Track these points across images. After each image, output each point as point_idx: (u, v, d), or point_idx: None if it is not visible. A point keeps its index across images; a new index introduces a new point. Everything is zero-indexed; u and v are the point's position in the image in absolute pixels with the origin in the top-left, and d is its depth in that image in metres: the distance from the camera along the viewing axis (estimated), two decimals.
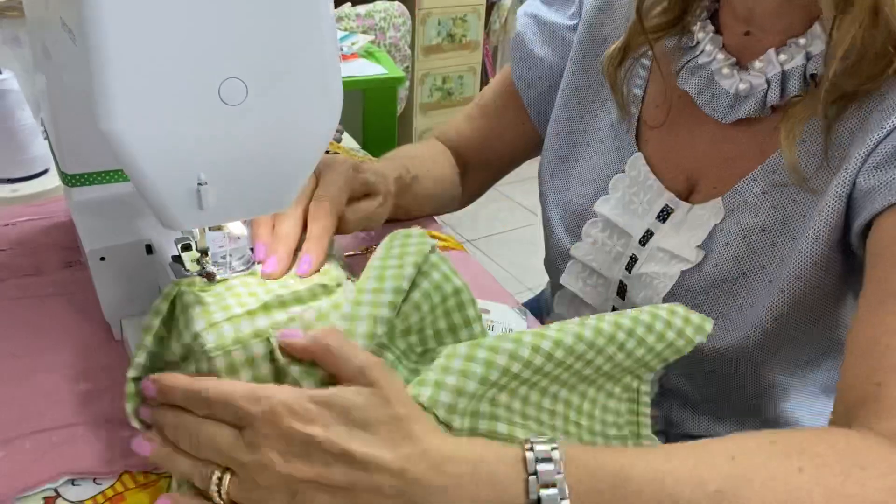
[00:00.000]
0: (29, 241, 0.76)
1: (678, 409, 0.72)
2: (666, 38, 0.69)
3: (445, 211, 0.92)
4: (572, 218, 0.76)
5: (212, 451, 0.43)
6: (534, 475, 0.40)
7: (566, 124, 0.79)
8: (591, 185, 0.75)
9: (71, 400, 0.55)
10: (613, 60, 0.72)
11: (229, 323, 0.48)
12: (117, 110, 0.40)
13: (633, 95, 0.73)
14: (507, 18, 3.05)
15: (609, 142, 0.75)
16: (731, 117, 0.64)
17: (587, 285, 0.75)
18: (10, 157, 0.87)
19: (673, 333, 0.52)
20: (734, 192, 0.64)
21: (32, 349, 0.61)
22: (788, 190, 0.61)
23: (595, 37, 0.76)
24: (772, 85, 0.62)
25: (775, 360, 0.65)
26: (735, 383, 0.67)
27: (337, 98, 0.48)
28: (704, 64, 0.66)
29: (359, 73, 2.09)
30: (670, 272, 0.66)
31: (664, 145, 0.71)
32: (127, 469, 0.50)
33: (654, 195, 0.69)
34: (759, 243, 0.62)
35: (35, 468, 0.50)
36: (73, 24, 0.42)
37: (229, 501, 0.43)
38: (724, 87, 0.64)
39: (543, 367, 0.49)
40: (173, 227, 0.48)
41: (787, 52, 0.61)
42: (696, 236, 0.66)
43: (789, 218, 0.61)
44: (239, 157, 0.46)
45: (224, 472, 0.43)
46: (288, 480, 0.41)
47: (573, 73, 0.78)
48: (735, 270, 0.63)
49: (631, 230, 0.70)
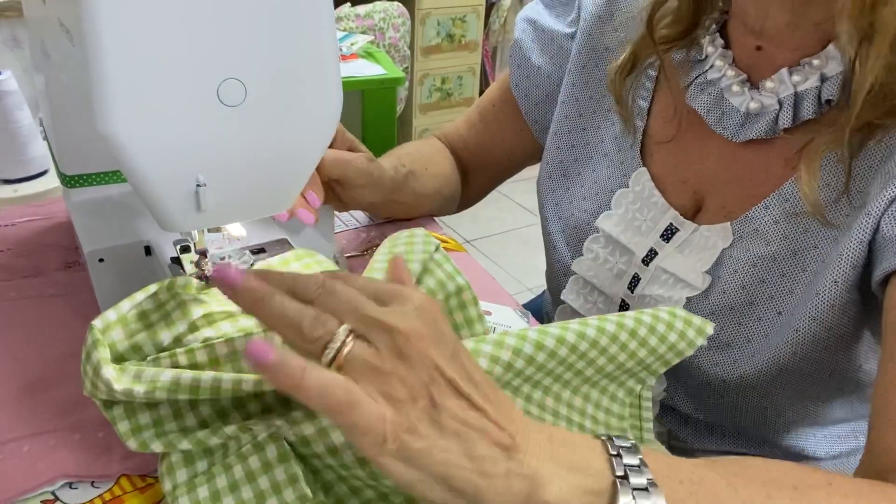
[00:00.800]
0: (28, 242, 0.76)
1: (682, 426, 0.71)
2: (674, 50, 0.68)
3: (446, 211, 0.92)
4: (573, 233, 0.75)
5: (349, 305, 0.37)
6: (618, 455, 0.39)
7: (566, 137, 0.77)
8: (594, 200, 0.73)
9: (70, 402, 0.55)
10: (621, 72, 0.70)
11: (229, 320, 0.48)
12: (115, 112, 0.40)
13: (638, 108, 0.71)
14: (506, 19, 3.05)
15: (612, 155, 0.73)
16: (741, 136, 0.63)
17: (588, 302, 0.74)
18: (9, 157, 0.87)
19: (675, 335, 0.52)
20: (745, 219, 0.62)
21: (31, 350, 0.61)
22: (800, 220, 0.59)
23: (595, 46, 0.75)
24: (784, 106, 0.60)
25: (784, 393, 0.63)
26: (741, 411, 0.66)
27: (336, 99, 0.48)
28: (714, 80, 0.64)
29: (358, 73, 2.09)
30: (675, 297, 0.65)
31: (671, 161, 0.69)
32: (125, 472, 0.50)
33: (659, 213, 0.68)
34: (768, 273, 0.61)
35: (33, 471, 0.49)
36: (71, 25, 0.42)
37: (337, 367, 0.37)
38: (735, 105, 0.62)
39: (546, 365, 0.49)
40: (172, 229, 0.47)
41: (801, 73, 0.59)
42: (703, 261, 0.64)
43: (800, 249, 0.60)
44: (238, 159, 0.45)
45: (349, 335, 0.37)
46: (431, 365, 0.37)
47: (573, 83, 0.76)
48: (743, 299, 0.62)
49: (634, 248, 0.69)
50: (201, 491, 0.43)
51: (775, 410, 0.65)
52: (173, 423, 0.45)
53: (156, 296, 0.49)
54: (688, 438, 0.71)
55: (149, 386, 0.43)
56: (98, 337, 0.45)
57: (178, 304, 0.49)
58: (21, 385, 0.57)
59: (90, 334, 0.45)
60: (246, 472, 0.43)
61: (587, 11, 0.76)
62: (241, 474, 0.43)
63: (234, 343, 0.46)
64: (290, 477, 0.43)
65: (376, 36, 2.37)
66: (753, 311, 0.62)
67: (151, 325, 0.48)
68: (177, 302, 0.49)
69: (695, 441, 0.71)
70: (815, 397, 0.64)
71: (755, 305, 0.62)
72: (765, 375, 0.61)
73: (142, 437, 0.44)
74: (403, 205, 0.80)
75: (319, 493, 0.44)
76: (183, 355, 0.46)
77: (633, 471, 0.38)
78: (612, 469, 0.38)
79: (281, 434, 0.44)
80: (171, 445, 0.44)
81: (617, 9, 0.74)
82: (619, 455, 0.39)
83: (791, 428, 0.67)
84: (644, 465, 0.39)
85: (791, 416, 0.66)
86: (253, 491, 0.43)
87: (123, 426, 0.44)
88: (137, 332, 0.47)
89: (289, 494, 0.42)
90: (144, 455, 0.51)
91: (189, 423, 0.45)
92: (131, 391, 0.43)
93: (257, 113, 0.44)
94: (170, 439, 0.44)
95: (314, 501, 0.43)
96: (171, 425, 0.45)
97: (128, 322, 0.48)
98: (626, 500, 0.37)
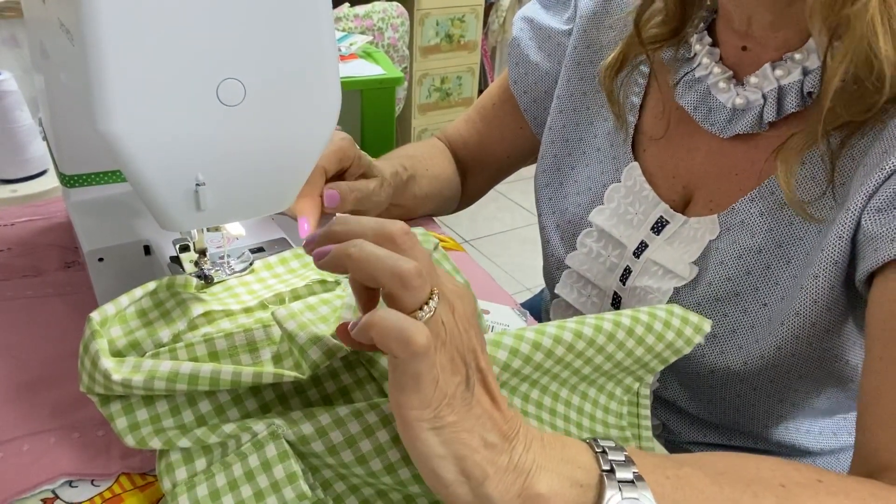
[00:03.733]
0: (28, 242, 0.76)
1: (674, 418, 0.72)
2: (664, 48, 0.69)
3: (444, 211, 0.92)
4: (567, 227, 0.76)
5: (428, 266, 0.39)
6: (603, 452, 0.41)
7: (560, 132, 0.78)
8: (587, 195, 0.74)
9: (69, 401, 0.55)
10: (610, 70, 0.72)
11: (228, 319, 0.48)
12: (115, 111, 0.40)
13: (630, 104, 0.73)
14: (505, 19, 3.06)
15: (605, 150, 0.74)
16: (728, 132, 0.64)
17: (582, 295, 0.75)
18: (9, 157, 0.88)
19: (672, 333, 0.52)
20: (732, 212, 0.63)
21: (31, 350, 0.61)
22: (785, 213, 0.60)
23: (590, 42, 0.76)
24: (768, 101, 0.61)
25: (771, 385, 0.64)
26: (730, 402, 0.67)
27: (335, 99, 0.48)
28: (701, 77, 0.66)
29: (357, 73, 2.09)
30: (664, 287, 0.66)
31: (661, 156, 0.70)
32: (125, 471, 0.50)
33: (649, 206, 0.69)
34: (753, 265, 0.62)
35: (33, 470, 0.50)
36: (70, 25, 0.42)
37: (428, 321, 0.38)
38: (721, 102, 0.64)
39: (543, 364, 0.49)
40: (171, 229, 0.48)
41: (783, 68, 0.60)
42: (690, 252, 0.65)
43: (784, 241, 0.60)
44: (237, 158, 0.46)
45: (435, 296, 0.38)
46: (471, 349, 0.39)
47: (568, 79, 0.78)
48: (728, 290, 0.63)
49: (626, 241, 0.70)
50: (200, 489, 0.43)
51: (763, 403, 0.66)
52: (171, 419, 0.45)
53: (155, 294, 0.50)
54: (681, 431, 0.72)
55: (147, 375, 0.43)
56: (96, 328, 0.45)
57: (178, 303, 0.49)
58: (21, 384, 0.57)
59: (88, 326, 0.46)
60: (245, 471, 0.43)
61: (583, 9, 0.77)
62: (240, 473, 0.43)
63: (233, 338, 0.46)
64: (290, 476, 0.43)
65: (375, 36, 2.37)
66: (739, 303, 0.63)
67: (151, 323, 0.48)
68: (176, 300, 0.50)
69: (687, 434, 0.72)
70: (801, 390, 0.64)
71: (741, 297, 0.62)
72: (751, 367, 0.62)
73: (140, 434, 0.44)
74: (403, 208, 0.81)
75: (318, 490, 0.45)
76: (182, 350, 0.46)
77: (619, 465, 0.40)
78: (598, 464, 0.40)
79: (280, 433, 0.44)
80: (170, 443, 0.44)
81: (612, 7, 0.75)
82: (605, 452, 0.41)
83: (780, 421, 0.68)
84: (630, 461, 0.41)
85: (779, 409, 0.67)
86: (252, 489, 0.43)
87: (121, 422, 0.45)
88: (136, 329, 0.47)
89: (288, 493, 0.42)
90: (144, 453, 0.51)
91: (187, 419, 0.45)
92: (130, 381, 0.43)
93: (256, 113, 0.44)
94: (169, 436, 0.44)
95: (313, 499, 0.43)
96: (168, 422, 0.45)
97: (126, 319, 0.48)
98: (613, 492, 0.39)
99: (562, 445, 0.41)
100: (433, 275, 0.39)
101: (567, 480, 0.39)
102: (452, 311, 0.39)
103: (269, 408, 0.47)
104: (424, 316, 0.37)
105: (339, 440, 0.44)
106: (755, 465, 0.44)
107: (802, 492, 0.42)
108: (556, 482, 0.39)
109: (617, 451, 0.41)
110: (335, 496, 0.46)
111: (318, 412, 0.45)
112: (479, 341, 0.40)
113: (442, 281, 0.39)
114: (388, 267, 0.37)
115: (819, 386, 0.64)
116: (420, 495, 0.45)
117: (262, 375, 0.44)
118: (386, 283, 0.37)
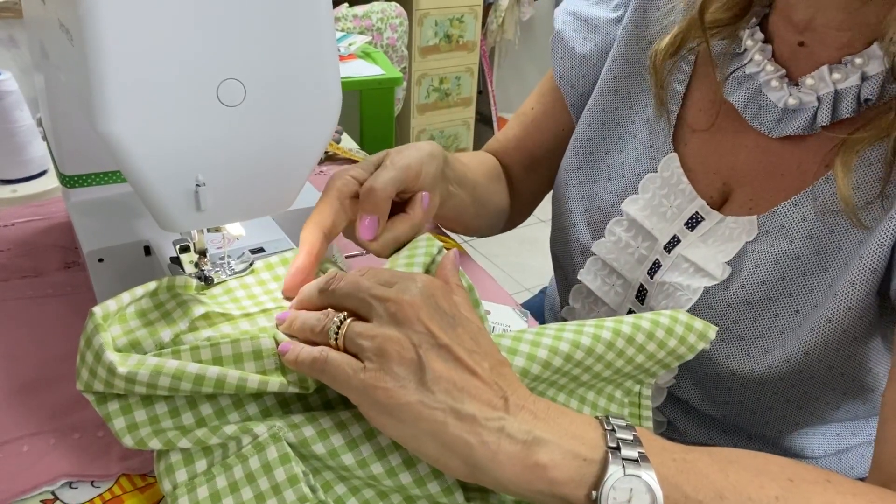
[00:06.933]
0: (28, 242, 0.76)
1: (682, 417, 0.71)
2: (715, 40, 0.67)
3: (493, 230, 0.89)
4: (596, 213, 0.74)
5: (352, 289, 0.46)
6: (612, 430, 0.42)
7: (599, 115, 0.76)
8: (619, 182, 0.72)
9: (69, 402, 0.55)
10: (664, 54, 0.69)
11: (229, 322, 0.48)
12: (115, 112, 0.40)
13: (673, 91, 0.70)
14: (504, 19, 3.06)
15: (643, 138, 0.72)
16: (778, 132, 0.62)
17: (606, 284, 0.73)
18: (8, 158, 0.87)
19: (674, 341, 0.52)
20: (773, 215, 0.62)
21: (31, 350, 0.61)
22: (827, 220, 0.59)
23: (640, 22, 0.73)
24: (823, 104, 0.59)
25: (791, 391, 0.63)
26: (746, 406, 0.66)
27: (335, 99, 0.48)
28: (752, 74, 0.64)
29: (356, 73, 2.09)
30: (694, 285, 0.64)
31: (703, 149, 0.68)
32: (125, 472, 0.50)
33: (685, 200, 0.67)
34: (789, 270, 0.60)
35: (33, 471, 0.49)
36: (70, 25, 0.42)
37: (342, 345, 0.44)
38: (772, 101, 0.62)
39: (541, 376, 0.49)
40: (171, 230, 0.47)
41: (842, 72, 0.58)
42: (725, 251, 0.64)
43: (823, 249, 0.59)
44: (237, 159, 0.46)
45: (348, 316, 0.45)
46: (422, 330, 0.43)
47: (613, 61, 0.75)
48: (761, 294, 0.61)
49: (657, 234, 0.68)
50: (201, 491, 0.43)
51: (782, 407, 0.65)
52: (170, 420, 0.45)
53: (155, 295, 0.50)
54: (687, 430, 0.71)
55: (153, 370, 0.43)
56: (99, 322, 0.45)
57: (179, 304, 0.49)
58: (21, 385, 0.57)
59: (90, 320, 0.45)
60: (246, 473, 0.43)
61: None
62: (241, 474, 0.43)
63: (239, 345, 0.46)
64: (291, 478, 0.43)
65: (374, 36, 2.38)
66: (770, 308, 0.61)
67: (151, 323, 0.48)
68: (177, 301, 0.49)
69: (694, 433, 0.71)
70: (822, 398, 0.63)
71: (773, 301, 0.61)
72: (775, 372, 0.61)
73: (139, 435, 0.44)
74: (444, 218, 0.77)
75: (319, 492, 0.44)
76: (187, 353, 0.46)
77: (626, 444, 0.41)
78: (605, 441, 0.41)
79: (281, 435, 0.44)
80: (170, 443, 0.44)
81: None
82: (614, 430, 0.42)
83: (793, 427, 0.67)
84: (637, 441, 0.41)
85: (795, 416, 0.66)
86: (253, 491, 0.43)
87: (118, 423, 0.44)
88: (136, 329, 0.47)
89: (289, 495, 0.42)
90: (144, 454, 0.51)
91: (187, 421, 0.45)
92: (135, 375, 0.42)
93: (256, 113, 0.44)
94: (169, 437, 0.44)
95: (314, 501, 0.43)
96: (167, 423, 0.45)
97: (126, 319, 0.48)
98: (616, 468, 0.40)
99: (571, 417, 0.43)
100: (360, 292, 0.45)
101: (570, 454, 0.40)
102: (385, 306, 0.44)
103: (270, 412, 0.47)
104: (331, 336, 0.44)
105: (340, 443, 0.44)
106: (765, 460, 0.45)
107: (811, 488, 0.42)
108: (557, 453, 0.40)
109: (626, 429, 0.42)
110: (336, 498, 0.46)
111: (320, 415, 0.45)
112: (439, 320, 0.44)
113: (377, 290, 0.45)
114: (293, 360, 0.45)
115: (840, 395, 0.63)
116: (421, 497, 0.45)
117: (268, 384, 0.44)
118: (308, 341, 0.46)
